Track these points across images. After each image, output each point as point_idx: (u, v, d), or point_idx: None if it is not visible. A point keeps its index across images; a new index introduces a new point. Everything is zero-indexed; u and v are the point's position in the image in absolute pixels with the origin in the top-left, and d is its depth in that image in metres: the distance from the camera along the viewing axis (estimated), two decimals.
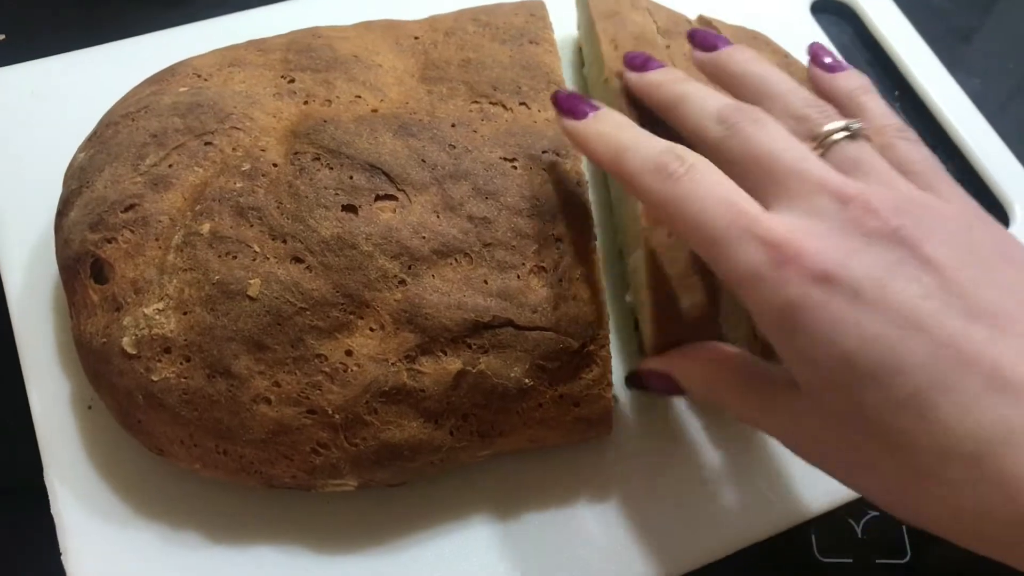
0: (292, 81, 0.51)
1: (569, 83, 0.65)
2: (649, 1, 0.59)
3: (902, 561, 0.52)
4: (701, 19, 0.63)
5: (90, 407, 0.49)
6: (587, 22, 0.60)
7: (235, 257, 0.44)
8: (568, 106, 0.43)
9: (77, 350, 0.47)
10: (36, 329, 0.52)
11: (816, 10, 0.73)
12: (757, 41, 0.60)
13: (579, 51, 0.66)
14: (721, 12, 0.64)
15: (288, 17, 0.64)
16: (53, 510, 0.47)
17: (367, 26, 0.56)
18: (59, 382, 0.50)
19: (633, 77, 0.47)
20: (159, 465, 0.48)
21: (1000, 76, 0.76)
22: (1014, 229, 0.63)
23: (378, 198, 0.46)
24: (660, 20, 0.56)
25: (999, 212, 0.64)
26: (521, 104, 0.50)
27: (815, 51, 0.46)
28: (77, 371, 0.49)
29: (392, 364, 0.44)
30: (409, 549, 0.47)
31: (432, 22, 0.56)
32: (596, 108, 0.42)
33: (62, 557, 0.45)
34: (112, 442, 0.48)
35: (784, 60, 0.59)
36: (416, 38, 0.54)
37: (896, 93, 0.71)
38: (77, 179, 0.49)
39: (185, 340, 0.44)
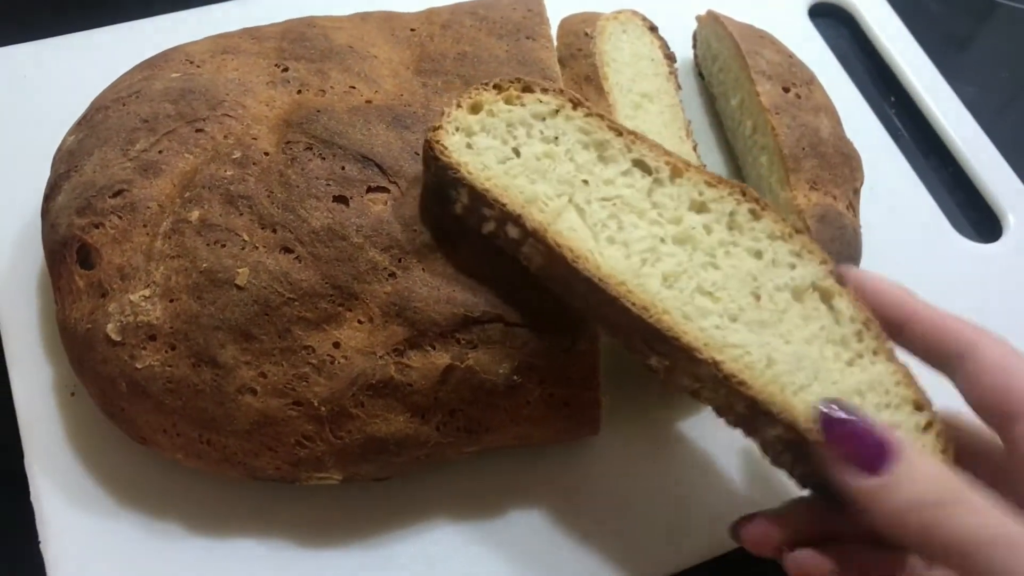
0: (286, 70, 0.50)
1: (696, 114, 0.65)
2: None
3: None
4: (710, 14, 0.62)
5: (73, 394, 0.49)
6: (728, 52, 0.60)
7: (224, 245, 0.44)
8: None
9: (61, 336, 0.47)
10: (20, 314, 0.51)
11: (814, 14, 0.73)
12: (764, 40, 0.60)
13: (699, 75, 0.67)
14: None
15: (283, 5, 0.64)
16: (33, 498, 0.46)
17: (363, 17, 0.55)
18: (42, 368, 0.49)
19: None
20: (142, 454, 0.47)
21: (995, 84, 0.76)
22: (1007, 238, 0.62)
23: (370, 190, 0.45)
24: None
25: (992, 221, 0.64)
26: None
27: None
28: (61, 357, 0.49)
29: (380, 357, 0.43)
30: (392, 544, 0.47)
31: (429, 14, 0.55)
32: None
33: (40, 546, 0.45)
34: (95, 430, 0.48)
35: (788, 59, 0.59)
36: (412, 30, 0.54)
37: (892, 99, 0.71)
38: (65, 163, 0.48)
39: (171, 328, 0.43)
